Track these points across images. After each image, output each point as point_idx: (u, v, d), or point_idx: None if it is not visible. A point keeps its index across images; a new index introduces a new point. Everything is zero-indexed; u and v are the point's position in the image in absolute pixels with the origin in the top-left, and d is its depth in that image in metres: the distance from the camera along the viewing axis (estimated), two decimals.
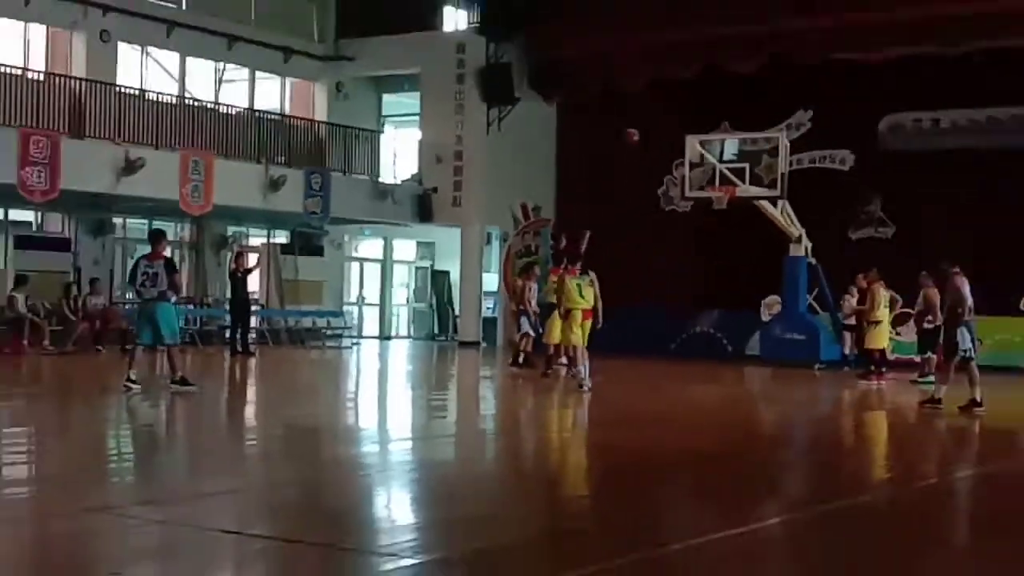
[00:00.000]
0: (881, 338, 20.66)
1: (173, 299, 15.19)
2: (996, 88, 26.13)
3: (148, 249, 15.43)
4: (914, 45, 24.80)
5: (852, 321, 21.71)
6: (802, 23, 25.49)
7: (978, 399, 14.72)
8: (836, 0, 24.86)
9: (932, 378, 18.24)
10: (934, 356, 19.31)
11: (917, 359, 20.57)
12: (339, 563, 6.42)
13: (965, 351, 15.01)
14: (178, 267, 15.94)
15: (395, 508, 8.55)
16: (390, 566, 6.29)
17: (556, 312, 18.99)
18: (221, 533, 6.98)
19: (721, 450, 11.77)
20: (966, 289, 15.08)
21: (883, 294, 20.55)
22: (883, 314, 20.61)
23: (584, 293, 18.25)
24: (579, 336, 17.96)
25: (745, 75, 26.61)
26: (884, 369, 20.58)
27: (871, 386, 19.50)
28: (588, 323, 18.41)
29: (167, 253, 15.99)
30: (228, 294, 24.73)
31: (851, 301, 21.55)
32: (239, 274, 23.66)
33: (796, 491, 9.63)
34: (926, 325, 19.11)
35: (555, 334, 19.58)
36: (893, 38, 24.90)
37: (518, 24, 29.35)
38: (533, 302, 21.27)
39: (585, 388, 16.90)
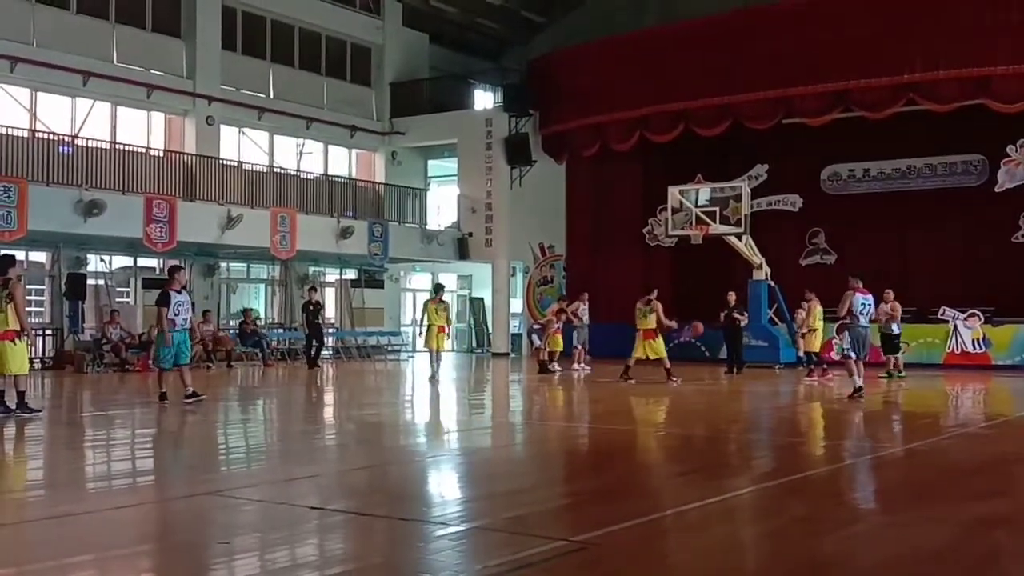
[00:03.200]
0: (816, 342, 20.47)
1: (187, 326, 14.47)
2: (913, 142, 26.09)
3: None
4: (847, 110, 24.79)
5: (804, 330, 21.53)
6: (758, 96, 25.49)
7: (859, 386, 14.95)
8: (783, 78, 24.85)
9: (904, 374, 18.58)
10: (895, 356, 19.72)
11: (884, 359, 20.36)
12: (400, 531, 6.38)
13: (844, 349, 15.15)
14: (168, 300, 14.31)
15: (444, 486, 8.50)
16: (441, 532, 6.25)
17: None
18: (308, 509, 6.96)
19: (702, 433, 11.69)
20: (855, 300, 15.03)
21: (819, 309, 20.38)
22: (818, 324, 20.41)
23: (646, 317, 19.43)
24: (644, 349, 19.18)
25: (714, 137, 26.64)
26: (824, 367, 20.31)
27: (813, 382, 19.16)
28: (652, 341, 19.19)
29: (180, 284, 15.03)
30: (303, 320, 24.83)
31: (802, 314, 21.39)
32: (311, 306, 23.77)
33: (763, 466, 9.53)
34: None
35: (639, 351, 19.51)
36: (830, 105, 24.89)
37: (533, 104, 29.49)
38: (585, 317, 22.48)
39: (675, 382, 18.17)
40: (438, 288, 22.51)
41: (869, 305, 15.46)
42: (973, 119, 23.86)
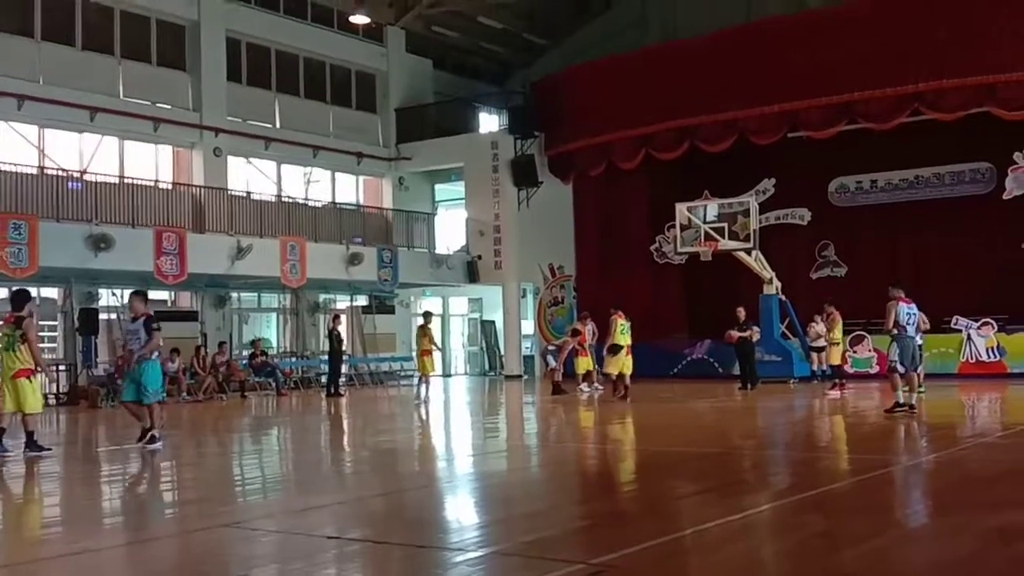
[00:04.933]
0: (838, 355, 20.30)
1: (156, 356, 12.79)
2: (919, 152, 26.09)
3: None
4: (852, 123, 24.79)
5: (819, 343, 21.40)
6: (763, 111, 25.52)
7: (901, 402, 14.22)
8: (788, 92, 24.87)
9: (923, 387, 17.39)
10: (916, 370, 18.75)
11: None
12: (418, 559, 6.37)
13: (892, 362, 14.59)
14: (158, 326, 12.95)
15: (461, 511, 8.48)
16: (459, 559, 6.23)
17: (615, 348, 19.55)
18: (325, 539, 6.95)
19: (718, 451, 11.65)
20: (900, 310, 14.38)
21: (840, 323, 20.25)
22: (839, 336, 20.30)
23: (625, 334, 19.81)
24: (623, 364, 19.62)
25: (720, 153, 26.66)
26: (843, 381, 20.22)
27: (836, 396, 19.05)
28: (628, 358, 19.22)
29: (149, 311, 13.46)
30: (324, 347, 24.76)
31: (816, 327, 21.29)
32: (335, 333, 23.74)
33: (781, 482, 9.50)
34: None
35: (581, 365, 19.93)
36: (836, 118, 24.90)
37: (537, 126, 29.58)
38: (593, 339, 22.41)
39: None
40: (428, 315, 22.82)
41: (915, 315, 14.68)
42: (979, 127, 23.85)
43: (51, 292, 23.96)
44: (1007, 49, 22.55)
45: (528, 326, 31.08)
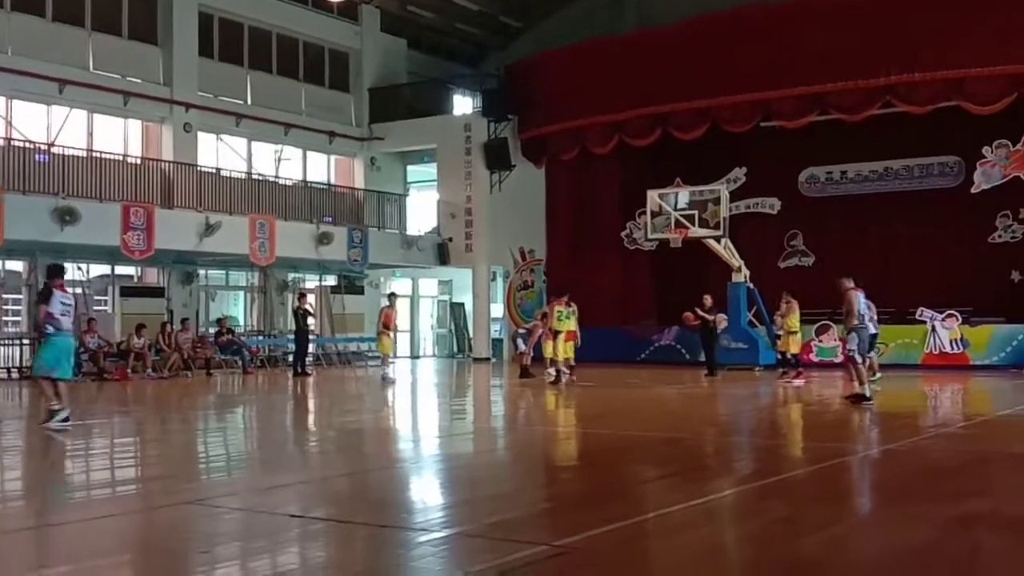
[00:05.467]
0: (794, 344, 20.28)
1: (50, 330, 12.17)
2: (889, 144, 26.27)
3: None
4: (824, 113, 24.93)
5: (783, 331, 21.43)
6: (736, 100, 25.60)
7: (867, 395, 14.28)
8: (761, 82, 24.95)
9: (879, 375, 17.69)
10: (874, 356, 18.77)
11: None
12: (382, 538, 6.37)
13: (851, 351, 14.70)
14: (40, 299, 12.42)
15: (426, 492, 8.47)
16: (423, 539, 6.24)
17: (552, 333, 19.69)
18: (288, 517, 6.93)
19: (683, 436, 11.72)
20: (859, 299, 14.62)
21: (798, 312, 20.19)
22: (796, 325, 20.23)
23: (568, 319, 19.77)
24: (562, 351, 19.65)
25: (692, 141, 26.74)
26: (800, 369, 20.09)
27: (792, 383, 19.00)
28: (571, 343, 19.31)
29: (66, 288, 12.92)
30: (291, 326, 24.62)
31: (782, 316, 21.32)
32: (300, 311, 23.59)
33: (743, 468, 9.57)
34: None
35: (548, 350, 20.00)
36: (807, 108, 25.02)
37: (511, 109, 29.52)
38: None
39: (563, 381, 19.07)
40: (392, 296, 22.90)
41: (868, 305, 15.03)
42: (949, 121, 24.05)
43: (16, 265, 23.70)
44: (977, 44, 22.73)
45: (497, 309, 31.11)
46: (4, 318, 24.54)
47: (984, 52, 22.62)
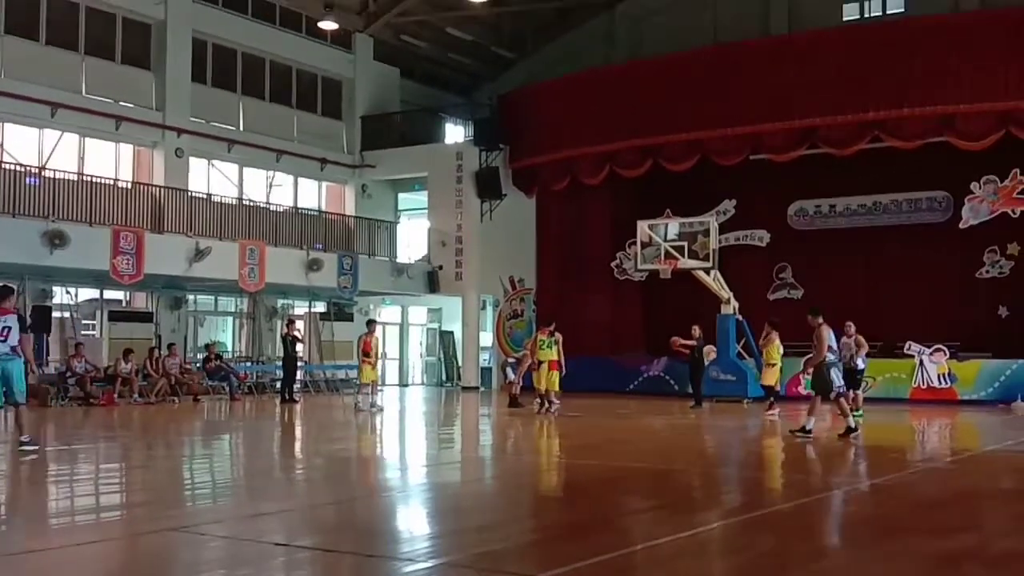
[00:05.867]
0: (772, 376, 20.03)
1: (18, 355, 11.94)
2: (878, 179, 26.47)
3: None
4: (814, 147, 25.10)
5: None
6: (726, 132, 25.75)
7: (852, 426, 14.34)
8: (751, 115, 25.12)
9: (861, 411, 17.69)
10: (859, 392, 18.64)
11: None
12: (367, 568, 6.33)
13: (840, 387, 14.76)
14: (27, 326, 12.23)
15: (412, 521, 8.44)
16: (409, 569, 6.20)
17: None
18: (273, 545, 6.89)
19: (670, 468, 11.70)
20: (830, 337, 14.68)
21: (778, 343, 20.11)
22: (776, 358, 20.11)
23: (549, 348, 19.71)
24: (545, 381, 19.52)
25: (682, 172, 26.87)
26: (772, 401, 19.55)
27: (772, 417, 18.61)
28: (554, 373, 19.16)
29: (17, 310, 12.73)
30: (280, 353, 24.52)
31: None
32: (289, 338, 23.52)
33: (731, 501, 9.54)
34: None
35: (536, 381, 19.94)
36: (797, 142, 25.19)
37: (503, 138, 29.64)
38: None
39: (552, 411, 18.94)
40: (371, 323, 22.42)
41: (859, 340, 15.16)
42: (937, 156, 24.23)
43: None
44: (966, 81, 22.95)
45: (487, 338, 31.08)
46: None
47: (972, 88, 22.83)
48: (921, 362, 24.07)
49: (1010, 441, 15.51)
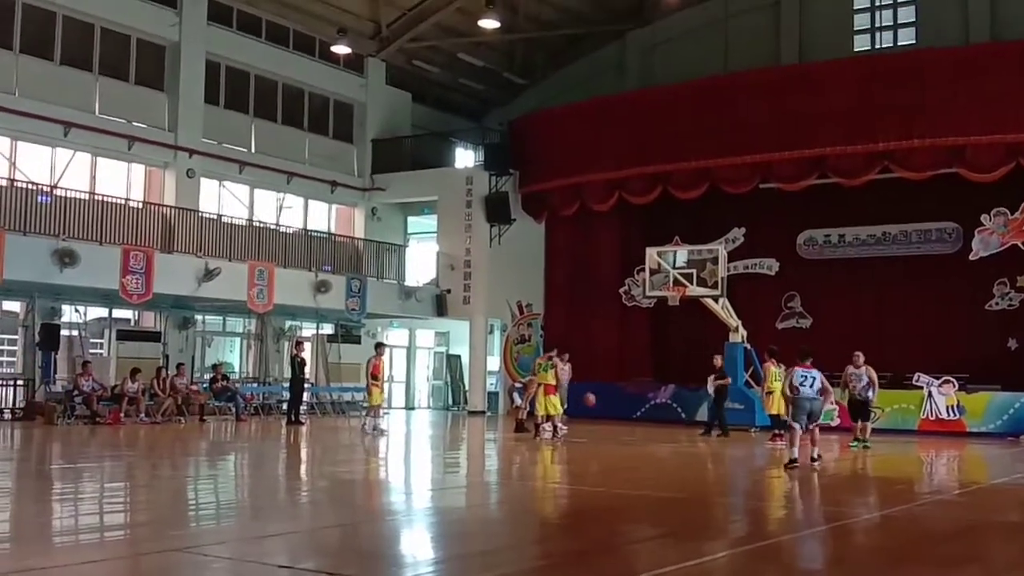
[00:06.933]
0: (774, 405, 20.00)
1: None
2: (887, 209, 26.42)
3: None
4: (823, 177, 25.10)
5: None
6: (735, 161, 25.78)
7: (814, 456, 14.61)
8: (761, 144, 25.16)
9: (868, 442, 17.76)
10: (867, 423, 18.60)
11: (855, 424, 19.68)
12: None
13: (796, 424, 14.78)
14: None
15: (417, 546, 8.40)
16: None
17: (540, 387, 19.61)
18: (277, 567, 6.86)
19: (677, 496, 11.64)
20: (795, 374, 14.81)
21: (774, 371, 19.94)
22: (775, 386, 19.93)
23: (546, 372, 19.83)
24: (543, 405, 19.55)
25: (692, 200, 26.88)
26: (777, 432, 19.27)
27: (776, 446, 18.37)
28: (552, 396, 19.59)
29: None
30: (287, 374, 24.50)
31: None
32: (297, 359, 23.51)
33: (737, 530, 9.48)
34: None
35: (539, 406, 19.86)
36: (807, 171, 25.20)
37: (513, 163, 29.73)
38: (564, 377, 21.11)
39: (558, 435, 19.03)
40: (379, 346, 22.38)
41: (812, 378, 15.02)
42: (947, 188, 24.21)
43: (13, 305, 23.68)
44: (976, 113, 22.97)
45: (494, 363, 31.03)
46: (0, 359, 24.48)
47: (982, 120, 22.85)
48: (930, 393, 23.92)
49: (1019, 474, 15.41)
